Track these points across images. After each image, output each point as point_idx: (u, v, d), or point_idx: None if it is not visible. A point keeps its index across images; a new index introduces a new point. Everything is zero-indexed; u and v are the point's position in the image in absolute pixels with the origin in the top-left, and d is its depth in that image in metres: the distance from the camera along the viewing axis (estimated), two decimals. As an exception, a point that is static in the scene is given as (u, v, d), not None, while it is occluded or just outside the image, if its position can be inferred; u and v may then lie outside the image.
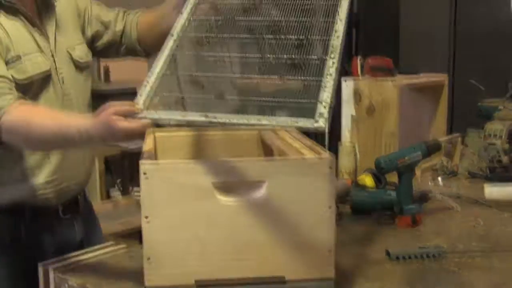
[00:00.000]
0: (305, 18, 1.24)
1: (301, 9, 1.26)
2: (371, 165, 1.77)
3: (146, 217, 1.14)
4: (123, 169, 3.67)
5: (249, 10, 1.29)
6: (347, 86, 2.15)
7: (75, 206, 1.64)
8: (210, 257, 1.17)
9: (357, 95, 2.13)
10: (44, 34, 1.52)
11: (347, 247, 1.48)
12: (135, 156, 3.55)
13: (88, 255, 1.43)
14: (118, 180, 3.78)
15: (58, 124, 1.31)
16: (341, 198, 1.87)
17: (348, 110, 2.15)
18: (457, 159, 2.28)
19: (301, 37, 1.22)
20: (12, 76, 1.41)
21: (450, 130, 2.77)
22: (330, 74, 1.14)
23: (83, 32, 1.66)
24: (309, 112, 1.10)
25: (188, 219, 1.15)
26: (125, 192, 3.69)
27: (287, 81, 1.20)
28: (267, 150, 1.50)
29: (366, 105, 2.11)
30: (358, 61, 2.18)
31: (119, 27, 1.69)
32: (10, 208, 1.51)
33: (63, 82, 1.54)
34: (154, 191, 1.13)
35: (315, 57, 1.19)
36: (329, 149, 1.23)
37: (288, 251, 1.18)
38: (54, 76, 1.52)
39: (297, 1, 1.26)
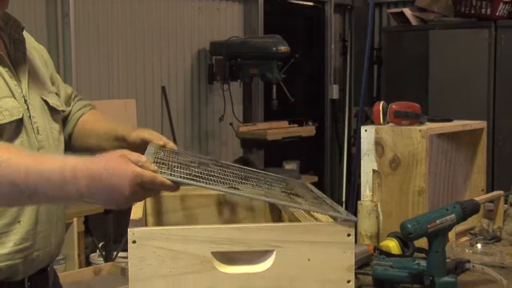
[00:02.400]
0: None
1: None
2: (397, 229, 1.78)
3: (135, 293, 1.15)
4: (106, 229, 3.68)
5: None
6: (368, 135, 2.17)
7: (44, 278, 1.60)
8: None
9: (379, 146, 2.15)
10: (14, 76, 1.50)
11: (369, 327, 1.48)
12: (121, 215, 3.58)
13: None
14: (100, 244, 3.79)
15: (36, 158, 1.25)
16: (361, 267, 1.87)
17: (368, 164, 2.17)
18: (500, 221, 2.28)
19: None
20: None
21: (491, 187, 2.77)
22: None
23: (52, 83, 1.69)
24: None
25: (183, 295, 1.16)
26: (108, 257, 3.68)
27: None
28: (275, 215, 1.52)
29: (390, 157, 2.13)
30: (381, 106, 2.19)
31: (66, 107, 1.75)
32: None
33: (38, 132, 1.52)
34: (144, 263, 1.15)
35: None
36: (346, 210, 1.25)
37: (300, 333, 1.19)
38: (28, 125, 1.49)
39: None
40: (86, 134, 1.75)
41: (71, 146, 1.76)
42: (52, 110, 1.60)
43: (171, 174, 1.19)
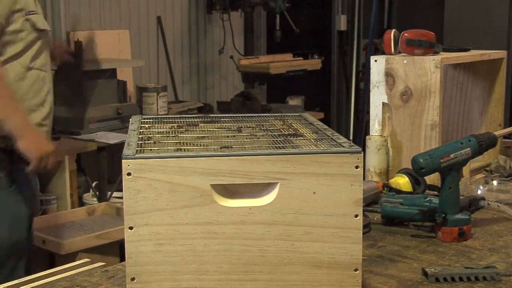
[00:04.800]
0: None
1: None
2: (407, 165, 1.78)
3: (131, 228, 1.16)
4: (99, 168, 3.70)
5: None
6: (378, 65, 2.15)
7: None
8: (209, 276, 1.19)
9: (390, 77, 2.13)
10: None
11: (376, 265, 1.50)
12: (116, 152, 3.59)
13: (59, 275, 1.45)
14: (94, 183, 3.81)
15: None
16: (369, 204, 1.89)
17: (378, 96, 2.16)
18: (517, 157, 2.29)
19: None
20: (34, 23, 2.28)
21: (508, 122, 2.76)
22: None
23: None
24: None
25: (181, 229, 1.17)
26: (102, 197, 3.71)
27: None
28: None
29: (401, 89, 2.12)
30: (392, 34, 2.17)
31: None
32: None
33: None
34: (140, 195, 1.15)
35: None
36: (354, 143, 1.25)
37: (305, 270, 1.20)
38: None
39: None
40: None
41: None
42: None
43: (157, 150, 1.20)
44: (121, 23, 4.59)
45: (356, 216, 1.20)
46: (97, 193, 3.76)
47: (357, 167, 1.20)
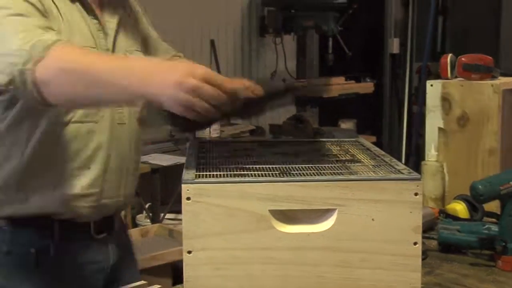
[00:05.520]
0: None
1: None
2: (464, 191, 1.76)
3: (189, 252, 1.17)
4: (153, 190, 3.74)
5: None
6: (434, 90, 2.14)
7: (109, 224, 1.68)
8: (266, 302, 1.19)
9: (447, 102, 2.12)
10: (103, 28, 1.58)
11: (434, 293, 1.48)
12: (168, 175, 3.63)
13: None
14: (147, 205, 3.85)
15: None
16: (425, 231, 1.86)
17: (434, 121, 2.14)
18: None
19: None
20: None
21: None
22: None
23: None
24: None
25: (239, 254, 1.18)
26: (155, 219, 3.75)
27: None
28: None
29: (458, 114, 2.10)
30: (449, 59, 2.16)
31: None
32: (36, 221, 1.55)
33: None
34: (199, 219, 1.16)
35: None
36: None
37: (363, 297, 1.19)
38: None
39: None
40: None
41: None
42: None
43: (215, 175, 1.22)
44: (175, 46, 4.65)
45: (415, 243, 1.19)
46: (150, 214, 3.80)
47: (416, 194, 1.19)
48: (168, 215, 3.81)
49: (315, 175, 1.21)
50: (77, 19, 1.54)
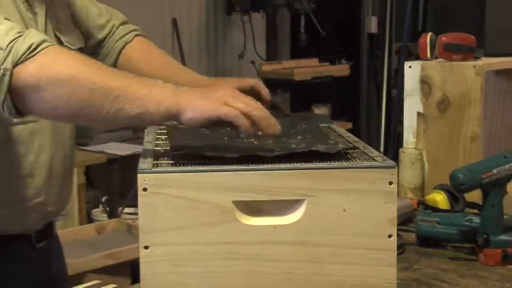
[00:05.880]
0: None
1: None
2: (445, 180, 1.78)
3: (146, 247, 1.17)
4: (110, 182, 3.72)
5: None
6: (412, 72, 2.15)
7: (49, 230, 1.68)
8: (230, 301, 1.19)
9: (426, 85, 2.13)
10: (30, 8, 1.53)
11: (412, 289, 1.49)
12: (127, 165, 3.61)
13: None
14: (104, 198, 3.83)
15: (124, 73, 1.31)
16: (403, 223, 1.88)
17: (412, 106, 2.16)
18: None
19: None
20: None
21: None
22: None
23: (73, 21, 1.69)
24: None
25: (201, 249, 1.18)
26: (112, 213, 3.74)
27: None
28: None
29: (438, 98, 2.11)
30: (428, 38, 2.17)
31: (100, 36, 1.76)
32: None
33: None
34: (157, 212, 1.16)
35: None
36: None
37: (334, 294, 1.20)
38: None
39: None
40: (135, 68, 1.72)
41: None
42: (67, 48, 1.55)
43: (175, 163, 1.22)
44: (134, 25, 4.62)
45: (390, 236, 1.20)
46: (107, 208, 3.79)
47: (390, 183, 1.19)
48: (127, 209, 3.80)
49: (281, 163, 1.22)
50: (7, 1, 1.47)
